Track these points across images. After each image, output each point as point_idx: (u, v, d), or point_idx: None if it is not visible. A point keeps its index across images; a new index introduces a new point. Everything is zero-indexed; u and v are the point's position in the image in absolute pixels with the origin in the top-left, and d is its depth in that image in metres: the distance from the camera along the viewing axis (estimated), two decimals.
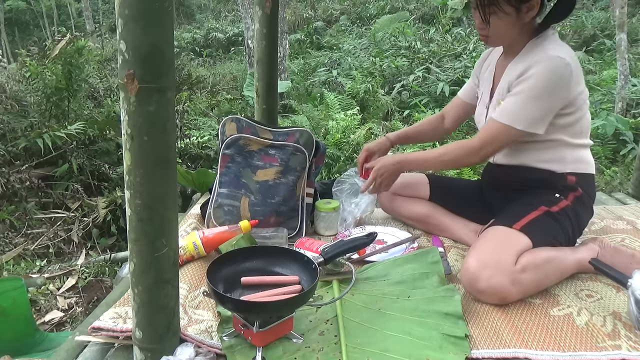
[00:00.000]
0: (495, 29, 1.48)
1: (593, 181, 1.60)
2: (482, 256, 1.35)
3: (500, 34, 1.50)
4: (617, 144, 4.02)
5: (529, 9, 1.45)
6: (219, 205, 1.83)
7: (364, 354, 1.13)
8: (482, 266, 1.33)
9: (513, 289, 1.32)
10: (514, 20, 1.46)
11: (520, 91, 1.42)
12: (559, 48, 1.44)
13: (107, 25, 14.27)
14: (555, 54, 1.41)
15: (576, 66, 1.44)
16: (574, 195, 1.51)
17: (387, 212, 2.01)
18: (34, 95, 3.58)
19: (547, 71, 1.39)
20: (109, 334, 1.23)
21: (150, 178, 0.98)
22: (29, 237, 2.89)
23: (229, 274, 1.26)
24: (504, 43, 1.58)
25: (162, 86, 0.95)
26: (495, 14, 1.45)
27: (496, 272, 1.31)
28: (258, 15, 2.07)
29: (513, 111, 1.42)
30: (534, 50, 1.47)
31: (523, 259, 1.35)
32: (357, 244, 1.46)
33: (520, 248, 1.38)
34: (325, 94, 5.57)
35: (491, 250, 1.37)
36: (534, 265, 1.35)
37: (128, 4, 0.89)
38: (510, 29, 1.48)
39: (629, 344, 1.17)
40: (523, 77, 1.43)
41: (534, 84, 1.40)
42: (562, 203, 1.50)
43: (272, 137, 1.85)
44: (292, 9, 12.55)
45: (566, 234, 1.50)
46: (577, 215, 1.53)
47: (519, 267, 1.33)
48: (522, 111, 1.41)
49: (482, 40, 1.55)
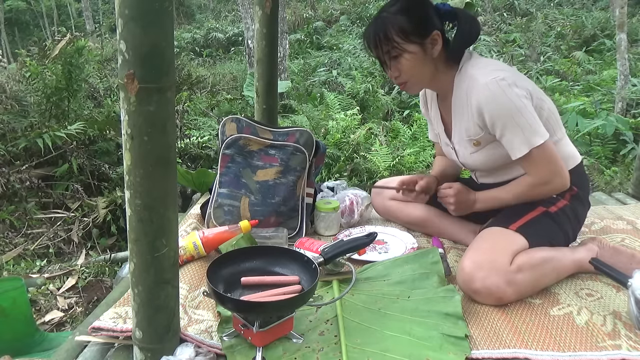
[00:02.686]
0: (408, 72, 1.46)
1: (583, 171, 1.59)
2: (477, 257, 1.36)
3: (415, 75, 1.47)
4: (617, 144, 4.02)
5: (433, 43, 1.44)
6: (219, 205, 1.83)
7: (364, 354, 1.13)
8: (477, 267, 1.33)
9: (508, 290, 1.32)
10: (422, 58, 1.44)
11: (504, 126, 1.38)
12: (484, 69, 1.41)
13: (107, 25, 14.27)
14: (488, 78, 1.37)
15: (509, 70, 1.43)
16: (570, 194, 1.51)
17: (384, 217, 2.00)
18: (34, 95, 3.58)
19: (500, 99, 1.35)
20: (109, 334, 1.23)
21: (150, 178, 0.98)
22: (29, 237, 2.89)
23: (229, 274, 1.26)
24: (423, 84, 1.56)
25: (162, 86, 0.95)
26: (401, 56, 1.43)
27: (491, 272, 1.32)
28: (258, 15, 2.07)
29: (520, 140, 1.37)
30: (469, 83, 1.42)
31: (518, 260, 1.35)
32: (357, 244, 1.46)
33: (516, 248, 1.38)
34: (325, 94, 5.57)
35: (486, 251, 1.37)
36: (530, 265, 1.35)
37: (128, 4, 0.89)
38: (423, 67, 1.46)
39: (629, 343, 1.17)
40: (488, 118, 1.39)
41: (504, 115, 1.36)
42: (560, 203, 1.50)
43: (272, 137, 1.85)
44: (292, 9, 12.55)
45: (565, 234, 1.50)
46: (576, 212, 1.53)
47: (514, 268, 1.33)
48: (523, 134, 1.37)
49: (403, 89, 1.54)
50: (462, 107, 1.48)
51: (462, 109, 1.48)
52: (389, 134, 4.60)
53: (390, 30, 1.42)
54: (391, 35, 1.42)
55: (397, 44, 1.42)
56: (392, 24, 1.42)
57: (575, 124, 4.06)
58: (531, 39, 7.88)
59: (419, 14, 1.44)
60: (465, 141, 1.52)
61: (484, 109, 1.38)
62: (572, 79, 6.37)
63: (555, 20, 9.46)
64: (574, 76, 6.49)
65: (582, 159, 1.59)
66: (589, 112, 4.48)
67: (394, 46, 1.42)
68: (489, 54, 6.96)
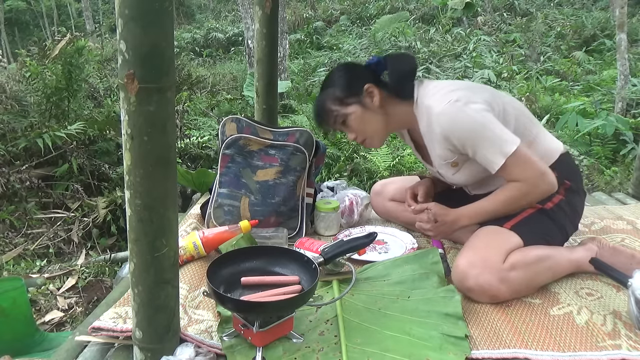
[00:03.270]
0: (361, 130, 1.53)
1: (570, 160, 1.59)
2: (471, 255, 1.37)
3: (368, 130, 1.54)
4: (617, 144, 4.01)
5: (370, 96, 1.50)
6: (219, 205, 1.83)
7: (364, 354, 1.13)
8: (470, 265, 1.34)
9: (502, 287, 1.33)
10: (366, 113, 1.51)
11: (473, 145, 1.39)
12: (436, 96, 1.44)
13: (107, 25, 14.27)
14: (442, 104, 1.39)
15: (461, 88, 1.43)
16: (563, 187, 1.51)
17: (384, 218, 2.00)
18: (34, 95, 3.58)
19: (460, 121, 1.37)
20: (109, 334, 1.23)
21: (150, 178, 0.98)
22: (29, 237, 2.89)
23: (229, 274, 1.26)
24: (382, 134, 1.58)
25: (162, 86, 0.95)
26: (347, 120, 1.51)
27: (484, 270, 1.32)
28: (258, 15, 2.07)
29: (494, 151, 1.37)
30: (428, 115, 1.45)
31: (512, 258, 1.36)
32: (357, 244, 1.46)
33: (510, 247, 1.38)
34: None
35: (480, 250, 1.38)
36: (524, 263, 1.36)
37: (128, 4, 0.89)
38: (372, 120, 1.52)
39: (629, 343, 1.17)
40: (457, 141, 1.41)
41: (469, 135, 1.37)
42: (556, 198, 1.49)
43: (272, 137, 1.85)
44: (292, 9, 12.55)
45: (562, 230, 1.50)
46: (573, 204, 1.53)
47: (507, 266, 1.34)
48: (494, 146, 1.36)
49: (367, 146, 1.61)
50: (430, 137, 1.50)
51: (430, 138, 1.50)
52: None
53: (326, 104, 1.54)
54: (329, 107, 1.53)
55: (337, 112, 1.52)
56: (327, 98, 1.54)
57: (575, 124, 4.06)
58: (531, 39, 7.88)
59: (345, 79, 1.54)
60: (444, 165, 1.54)
61: (449, 135, 1.41)
62: (572, 79, 6.37)
63: (555, 20, 9.46)
64: (574, 76, 6.49)
65: (566, 150, 1.57)
66: (589, 112, 4.48)
67: (336, 115, 1.52)
68: (489, 54, 6.96)
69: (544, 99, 5.29)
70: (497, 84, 5.45)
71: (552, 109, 5.00)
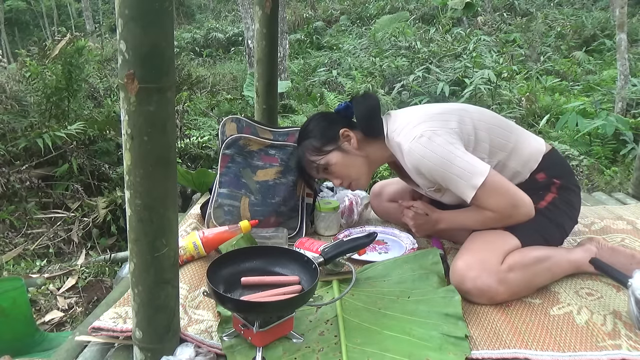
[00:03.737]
0: (345, 174, 1.57)
1: (557, 156, 1.57)
2: (468, 257, 1.37)
3: (352, 173, 1.57)
4: (617, 144, 4.02)
5: (347, 139, 1.55)
6: (219, 205, 1.83)
7: (364, 354, 1.13)
8: (468, 267, 1.34)
9: (500, 289, 1.32)
10: (347, 157, 1.55)
11: (443, 179, 1.40)
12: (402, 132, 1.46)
13: (107, 25, 14.27)
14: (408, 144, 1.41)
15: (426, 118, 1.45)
16: (555, 186, 1.50)
17: (383, 219, 2.00)
18: (34, 95, 3.58)
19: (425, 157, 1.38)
20: (109, 334, 1.23)
21: (150, 178, 0.98)
22: (29, 237, 2.89)
23: (229, 274, 1.26)
24: (365, 175, 1.60)
25: (162, 86, 0.95)
26: (329, 167, 1.56)
27: (482, 272, 1.32)
28: (258, 15, 2.07)
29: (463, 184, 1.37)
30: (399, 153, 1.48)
31: (510, 259, 1.35)
32: (357, 244, 1.46)
33: (508, 248, 1.38)
34: (325, 94, 5.57)
35: (477, 251, 1.38)
36: (522, 265, 1.35)
37: (128, 4, 0.89)
38: (353, 163, 1.56)
39: (629, 343, 1.17)
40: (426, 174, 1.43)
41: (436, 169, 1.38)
42: (549, 197, 1.49)
43: (272, 137, 1.85)
44: (292, 9, 12.55)
45: (560, 227, 1.49)
46: (568, 201, 1.51)
47: (505, 267, 1.33)
48: (463, 178, 1.36)
49: (353, 189, 1.66)
50: (407, 169, 1.51)
51: (410, 172, 1.51)
52: None
53: (306, 154, 1.59)
54: (309, 159, 1.59)
55: (317, 161, 1.57)
56: (306, 150, 1.59)
57: (575, 124, 4.06)
58: (531, 39, 7.88)
59: (320, 127, 1.59)
60: (429, 191, 1.56)
61: (420, 169, 1.43)
62: (572, 79, 6.37)
63: (555, 20, 9.46)
64: (574, 76, 6.49)
65: (550, 147, 1.56)
66: (589, 112, 4.48)
67: (317, 165, 1.58)
68: (489, 54, 6.96)
69: (544, 99, 5.29)
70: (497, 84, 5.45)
71: (552, 109, 5.01)
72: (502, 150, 1.47)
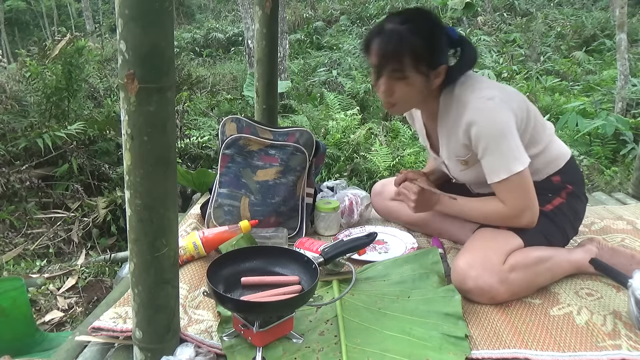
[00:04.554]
0: (401, 98, 1.41)
1: (575, 165, 1.58)
2: (470, 256, 1.36)
3: (406, 101, 1.43)
4: (617, 144, 4.02)
5: (437, 76, 1.40)
6: (219, 205, 1.83)
7: (364, 354, 1.13)
8: (469, 266, 1.34)
9: (501, 289, 1.32)
10: (421, 88, 1.40)
11: (486, 147, 1.36)
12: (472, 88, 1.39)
13: (107, 25, 14.27)
14: (477, 97, 1.36)
15: (497, 87, 1.41)
16: (565, 192, 1.51)
17: (385, 217, 2.00)
18: (34, 95, 3.58)
19: (487, 118, 1.34)
20: (109, 334, 1.23)
21: (150, 178, 0.98)
22: (29, 237, 2.89)
23: (229, 274, 1.26)
24: (409, 109, 1.54)
25: (162, 86, 0.95)
26: (402, 81, 1.37)
27: (484, 271, 1.32)
28: (258, 15, 2.07)
29: (500, 164, 1.35)
30: (458, 103, 1.40)
31: (512, 259, 1.35)
32: (357, 244, 1.46)
33: (510, 248, 1.38)
34: (325, 94, 5.57)
35: (479, 250, 1.37)
36: (524, 265, 1.35)
37: (128, 4, 0.89)
38: (417, 95, 1.42)
39: (629, 343, 1.17)
40: (474, 139, 1.37)
41: (489, 136, 1.34)
42: (556, 201, 1.49)
43: (272, 137, 1.85)
44: (292, 9, 12.55)
45: (563, 232, 1.50)
46: (574, 208, 1.52)
47: (506, 267, 1.33)
48: (505, 158, 1.34)
49: (387, 108, 1.47)
50: (450, 127, 1.45)
51: (450, 129, 1.46)
52: (389, 134, 4.60)
53: (404, 51, 1.33)
54: (402, 58, 1.33)
55: (405, 69, 1.34)
56: (407, 46, 1.32)
57: (575, 124, 4.06)
58: (531, 39, 7.89)
59: (436, 43, 1.37)
60: (454, 160, 1.51)
61: (472, 128, 1.36)
62: (572, 79, 6.37)
63: (555, 20, 9.47)
64: (574, 76, 6.49)
65: (571, 155, 1.57)
66: (589, 112, 4.48)
67: (401, 69, 1.35)
68: (489, 54, 6.96)
69: (544, 99, 5.29)
70: None
71: (552, 109, 5.01)
72: (536, 146, 1.45)
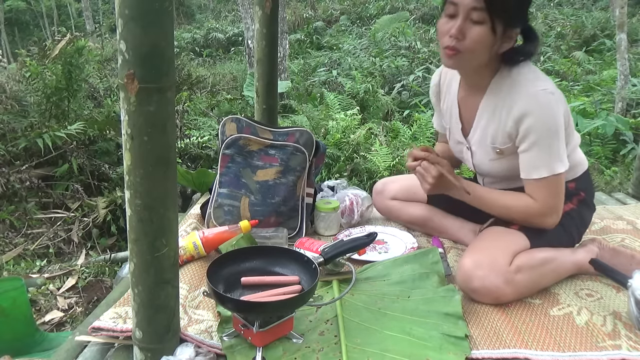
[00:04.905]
0: (471, 45, 1.28)
1: (589, 175, 1.59)
2: (477, 256, 1.36)
3: (472, 51, 1.30)
4: (617, 144, 4.02)
5: (509, 39, 1.32)
6: (219, 205, 1.83)
7: (364, 354, 1.13)
8: (476, 266, 1.33)
9: (507, 289, 1.32)
10: (492, 43, 1.30)
11: (536, 141, 1.32)
12: (530, 76, 1.35)
13: (107, 25, 14.27)
14: (538, 88, 1.32)
15: (555, 88, 1.37)
16: (577, 198, 1.51)
17: (386, 216, 2.00)
18: (34, 95, 3.58)
19: (545, 112, 1.30)
20: (109, 334, 1.23)
21: (150, 178, 0.98)
22: (29, 237, 2.89)
23: (229, 274, 1.26)
24: (469, 66, 1.38)
25: (162, 86, 0.95)
26: (480, 25, 1.26)
27: (490, 272, 1.32)
28: (258, 15, 2.07)
29: (544, 161, 1.33)
30: (512, 88, 1.35)
31: (518, 260, 1.35)
32: (357, 244, 1.46)
33: (517, 248, 1.38)
34: (325, 94, 5.56)
35: (486, 250, 1.37)
36: (530, 266, 1.35)
37: (128, 4, 0.89)
38: (484, 50, 1.31)
39: (629, 343, 1.17)
40: (523, 130, 1.33)
41: (542, 130, 1.31)
42: (567, 206, 1.47)
43: (272, 137, 1.85)
44: (292, 9, 12.55)
45: (569, 236, 1.50)
46: (582, 215, 1.53)
47: (513, 268, 1.33)
48: (551, 157, 1.33)
49: (449, 54, 1.32)
50: (495, 111, 1.40)
51: (494, 112, 1.40)
52: (389, 134, 4.59)
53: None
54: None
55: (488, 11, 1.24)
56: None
57: (575, 124, 4.06)
58: None
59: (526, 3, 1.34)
60: (487, 146, 1.45)
61: (525, 118, 1.31)
62: (572, 79, 6.36)
63: (555, 20, 9.46)
64: (574, 76, 6.48)
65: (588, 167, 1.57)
66: (589, 112, 4.48)
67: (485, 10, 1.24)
68: None
69: None
70: None
71: None
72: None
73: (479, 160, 1.52)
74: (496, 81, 1.40)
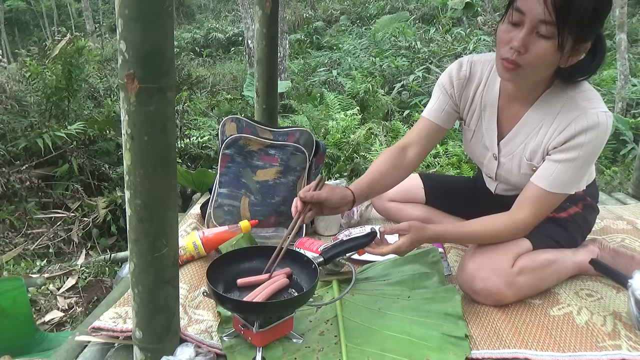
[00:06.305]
0: (533, 61, 1.16)
1: (596, 182, 1.59)
2: (479, 257, 1.36)
3: (533, 67, 1.18)
4: (617, 144, 4.02)
5: (577, 53, 1.19)
6: (219, 205, 1.82)
7: (364, 354, 1.13)
8: (478, 267, 1.33)
9: (508, 292, 1.32)
10: (557, 59, 1.18)
11: (576, 158, 1.24)
12: (588, 95, 1.26)
13: (107, 25, 14.28)
14: (599, 109, 1.22)
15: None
16: (583, 203, 1.50)
17: (384, 217, 2.01)
18: (34, 95, 3.58)
19: (601, 135, 1.22)
20: (109, 334, 1.23)
21: (150, 178, 0.98)
22: (29, 237, 2.89)
23: (229, 274, 1.26)
24: (527, 79, 1.24)
25: (162, 86, 0.95)
26: (546, 40, 1.13)
27: (492, 273, 1.31)
28: (258, 15, 2.07)
29: (565, 181, 1.27)
30: (568, 106, 1.25)
31: (520, 262, 1.34)
32: (357, 244, 1.46)
33: (519, 250, 1.37)
34: (325, 94, 5.57)
35: (489, 252, 1.36)
36: (532, 268, 1.35)
37: (128, 4, 0.89)
38: (548, 67, 1.21)
39: (629, 343, 1.17)
40: (572, 144, 1.23)
41: (588, 151, 1.23)
42: (572, 210, 1.47)
43: (272, 137, 1.85)
44: (292, 9, 12.55)
45: (572, 239, 1.49)
46: (587, 219, 1.53)
47: (515, 270, 1.33)
48: (574, 178, 1.28)
49: (507, 67, 1.19)
50: (541, 127, 1.31)
51: (539, 129, 1.31)
52: (389, 134, 4.59)
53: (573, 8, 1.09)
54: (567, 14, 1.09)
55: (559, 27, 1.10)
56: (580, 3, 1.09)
57: None
58: None
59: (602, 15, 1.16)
60: (522, 160, 1.37)
61: (581, 135, 1.22)
62: None
63: None
64: None
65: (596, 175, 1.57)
66: None
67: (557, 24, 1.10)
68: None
69: None
70: None
71: None
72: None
73: (506, 171, 1.44)
74: (547, 96, 1.30)
